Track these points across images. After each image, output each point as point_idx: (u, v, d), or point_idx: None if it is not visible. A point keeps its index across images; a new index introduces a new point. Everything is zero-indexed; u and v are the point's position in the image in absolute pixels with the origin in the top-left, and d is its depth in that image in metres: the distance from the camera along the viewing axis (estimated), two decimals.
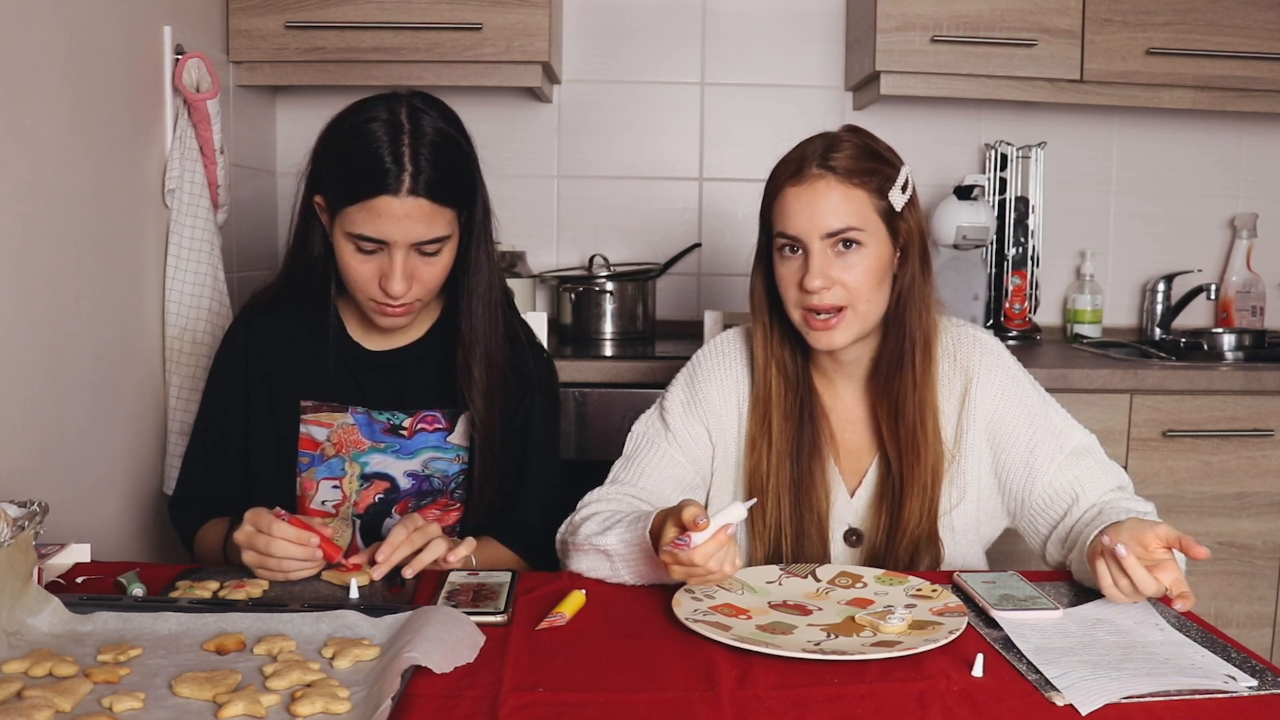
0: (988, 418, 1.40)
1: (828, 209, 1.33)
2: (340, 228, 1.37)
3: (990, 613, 1.14)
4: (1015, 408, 1.40)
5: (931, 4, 2.31)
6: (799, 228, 1.34)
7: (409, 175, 1.32)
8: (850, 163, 1.34)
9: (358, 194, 1.33)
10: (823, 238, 1.33)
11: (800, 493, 1.41)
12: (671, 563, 1.15)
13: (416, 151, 1.33)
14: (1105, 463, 1.40)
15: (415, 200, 1.33)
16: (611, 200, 2.71)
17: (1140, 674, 0.99)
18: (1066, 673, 0.99)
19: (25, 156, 1.46)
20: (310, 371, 1.50)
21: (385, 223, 1.33)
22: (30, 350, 1.48)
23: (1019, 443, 1.39)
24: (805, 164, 1.35)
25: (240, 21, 2.26)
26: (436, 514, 1.50)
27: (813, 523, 1.41)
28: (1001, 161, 2.69)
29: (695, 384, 1.49)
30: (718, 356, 1.50)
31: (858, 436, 1.46)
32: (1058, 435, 1.39)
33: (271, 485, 1.48)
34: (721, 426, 1.47)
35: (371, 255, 1.36)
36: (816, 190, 1.33)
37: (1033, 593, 1.19)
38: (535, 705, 0.93)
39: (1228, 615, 2.23)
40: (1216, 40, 2.35)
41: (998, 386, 1.41)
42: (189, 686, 0.92)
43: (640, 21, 2.67)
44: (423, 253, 1.36)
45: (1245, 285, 2.75)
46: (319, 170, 1.41)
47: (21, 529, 1.04)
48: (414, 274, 1.37)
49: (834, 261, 1.33)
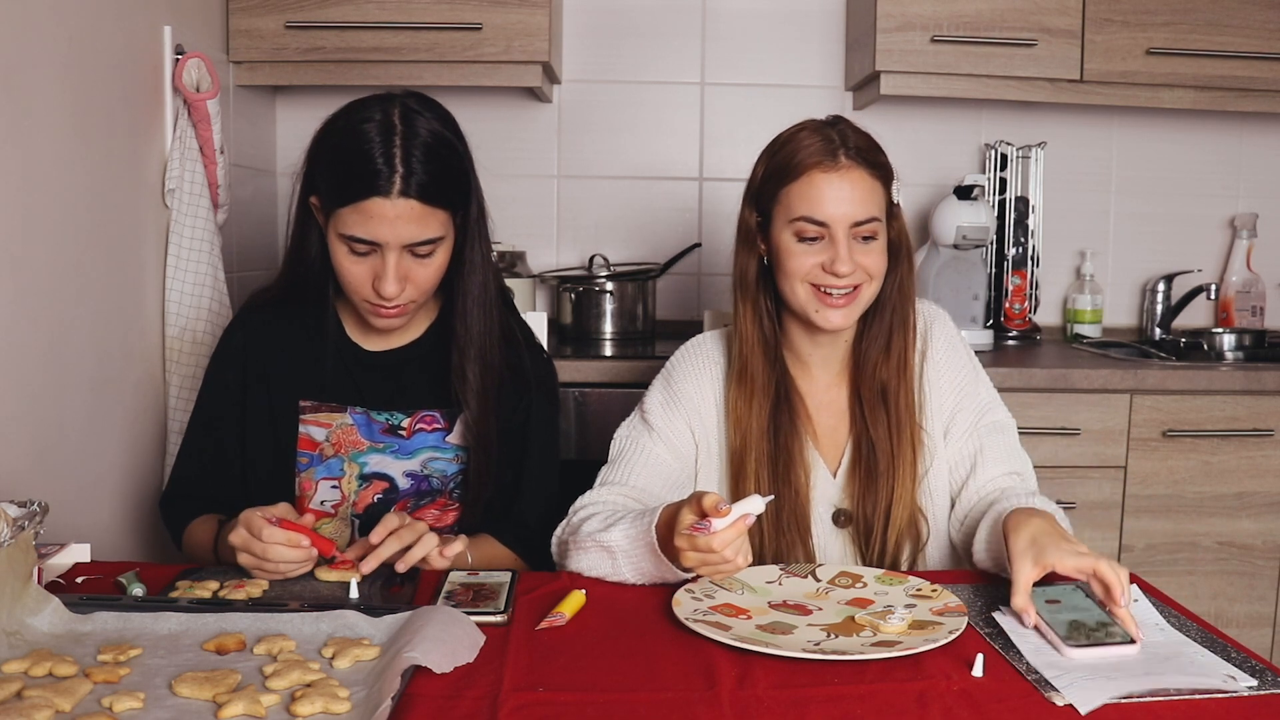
0: (936, 382, 1.46)
1: (859, 198, 1.37)
2: (334, 229, 1.37)
3: (1062, 651, 1.03)
4: (949, 374, 1.47)
5: (931, 4, 2.31)
6: (829, 214, 1.37)
7: (400, 177, 1.32)
8: (870, 155, 1.40)
9: (350, 195, 1.33)
10: (852, 225, 1.37)
11: (778, 469, 1.43)
12: (687, 548, 1.16)
13: (408, 153, 1.33)
14: (1013, 447, 1.46)
15: (407, 202, 1.32)
16: (611, 200, 2.71)
17: (1139, 673, 0.99)
18: (1066, 672, 0.99)
19: (25, 156, 1.46)
20: (309, 372, 1.50)
21: (377, 224, 1.33)
22: (30, 350, 1.48)
23: (944, 409, 1.45)
24: (831, 151, 1.37)
25: (240, 21, 2.26)
26: (435, 514, 1.50)
27: (791, 499, 1.42)
28: (1001, 161, 2.69)
29: (672, 384, 1.51)
30: (693, 358, 1.52)
31: (832, 419, 1.48)
32: (979, 407, 1.46)
33: (270, 486, 1.48)
34: (703, 424, 1.49)
35: (365, 257, 1.36)
36: (849, 179, 1.37)
37: (1103, 617, 1.09)
38: (535, 705, 0.93)
39: (1228, 615, 2.23)
40: (1216, 40, 2.35)
41: (944, 355, 1.47)
42: (189, 686, 0.92)
43: (640, 21, 2.67)
44: (415, 254, 1.36)
45: (1245, 285, 2.75)
46: (313, 171, 1.41)
47: (21, 529, 1.04)
48: (407, 275, 1.37)
49: (857, 247, 1.38)
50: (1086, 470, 2.18)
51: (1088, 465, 2.17)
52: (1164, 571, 2.20)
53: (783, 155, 1.41)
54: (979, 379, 1.49)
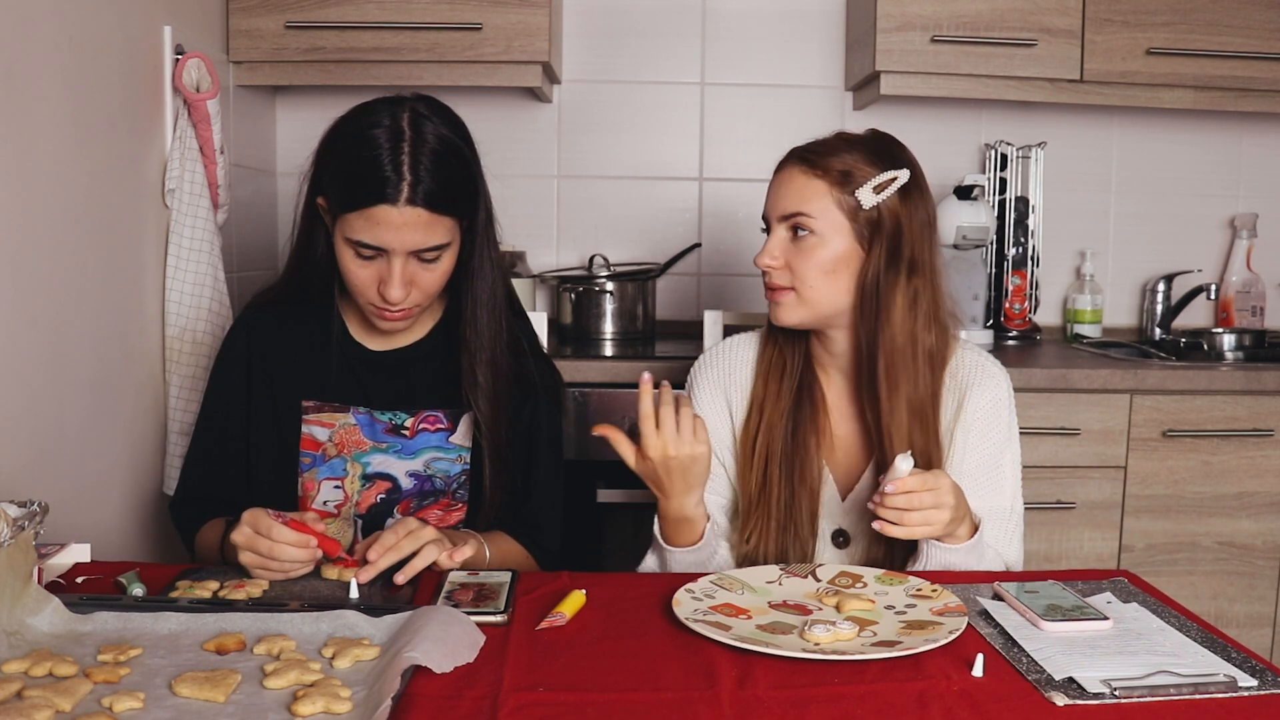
0: (963, 443, 1.43)
1: (787, 193, 1.41)
2: (340, 232, 1.37)
3: (1039, 625, 1.10)
4: (979, 436, 1.43)
5: (931, 4, 2.31)
6: (767, 208, 1.45)
7: (408, 185, 1.32)
8: (820, 154, 1.40)
9: (357, 201, 1.33)
10: (779, 219, 1.42)
11: (794, 464, 1.44)
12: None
13: (416, 160, 1.32)
14: (1008, 534, 1.43)
15: (414, 210, 1.32)
16: (611, 200, 2.71)
17: (1141, 652, 1.02)
18: (1069, 661, 1.01)
19: (25, 156, 1.46)
20: (312, 372, 1.50)
21: (383, 231, 1.33)
22: (30, 350, 1.48)
23: (960, 470, 1.42)
24: (793, 152, 1.44)
25: (240, 21, 2.27)
26: (439, 514, 1.50)
27: (804, 495, 1.43)
28: (1001, 161, 2.69)
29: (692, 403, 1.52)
30: (707, 372, 1.55)
31: (849, 428, 1.49)
32: (992, 483, 1.43)
33: (272, 486, 1.48)
34: (720, 442, 1.52)
35: (370, 261, 1.36)
36: (783, 175, 1.43)
37: (1078, 602, 1.15)
38: (535, 705, 0.93)
39: (1228, 615, 2.23)
40: (1216, 40, 2.35)
41: (976, 420, 1.43)
42: (189, 686, 0.92)
43: (640, 21, 2.67)
44: (422, 259, 1.36)
45: (1245, 285, 2.75)
46: (321, 173, 1.41)
47: (21, 529, 1.04)
48: (413, 280, 1.37)
49: (789, 244, 1.41)
50: (1086, 470, 2.18)
51: (1088, 465, 2.17)
52: (1164, 571, 2.21)
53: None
54: (1003, 454, 1.44)
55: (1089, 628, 1.10)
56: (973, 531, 1.33)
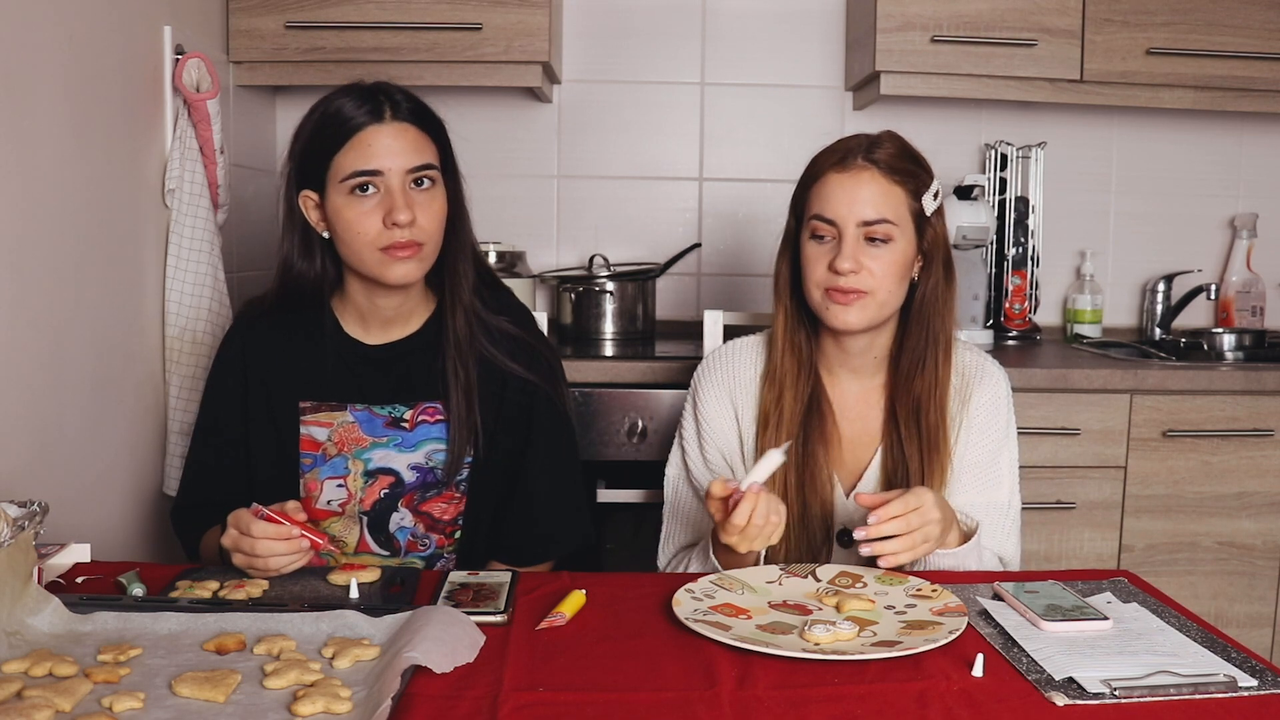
0: (965, 439, 1.47)
1: (867, 198, 1.40)
2: (333, 188, 1.40)
3: (1039, 625, 1.10)
4: (978, 436, 1.47)
5: (931, 4, 2.31)
6: (837, 212, 1.41)
7: (389, 106, 1.40)
8: (892, 160, 1.42)
9: (344, 135, 1.39)
10: (858, 225, 1.40)
11: (805, 475, 1.45)
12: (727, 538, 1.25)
13: (390, 94, 1.42)
14: (1006, 531, 1.46)
15: (401, 124, 1.40)
16: (611, 200, 2.71)
17: (1141, 652, 1.02)
18: (1069, 661, 1.01)
19: (25, 156, 1.46)
20: (307, 372, 1.50)
21: (376, 150, 1.38)
22: (30, 350, 1.48)
23: (961, 464, 1.46)
24: (851, 154, 1.43)
25: (240, 21, 2.27)
26: (443, 506, 1.50)
27: (815, 504, 1.45)
28: (1001, 161, 2.69)
29: (698, 410, 1.56)
30: (712, 374, 1.56)
31: (853, 429, 1.50)
32: (990, 479, 1.46)
33: (274, 488, 1.47)
34: (729, 445, 1.53)
35: (371, 196, 1.39)
36: (860, 180, 1.41)
37: (1078, 602, 1.16)
38: (535, 705, 0.93)
39: (1228, 615, 2.23)
40: (1216, 40, 2.35)
41: (979, 416, 1.48)
42: (189, 686, 0.92)
43: (640, 21, 2.67)
44: (417, 184, 1.40)
45: (1245, 285, 2.75)
46: (298, 161, 1.44)
47: (21, 529, 1.04)
48: (414, 209, 1.39)
49: (865, 249, 1.40)
50: (1086, 470, 2.18)
51: (1088, 465, 2.17)
52: (1164, 571, 2.20)
53: (811, 162, 1.47)
54: (1001, 452, 1.48)
55: (1089, 628, 1.10)
56: (963, 535, 1.35)
